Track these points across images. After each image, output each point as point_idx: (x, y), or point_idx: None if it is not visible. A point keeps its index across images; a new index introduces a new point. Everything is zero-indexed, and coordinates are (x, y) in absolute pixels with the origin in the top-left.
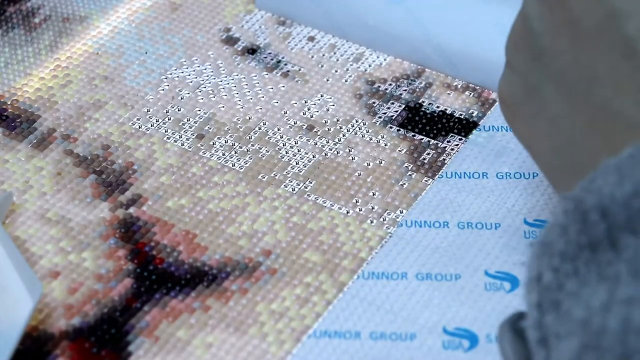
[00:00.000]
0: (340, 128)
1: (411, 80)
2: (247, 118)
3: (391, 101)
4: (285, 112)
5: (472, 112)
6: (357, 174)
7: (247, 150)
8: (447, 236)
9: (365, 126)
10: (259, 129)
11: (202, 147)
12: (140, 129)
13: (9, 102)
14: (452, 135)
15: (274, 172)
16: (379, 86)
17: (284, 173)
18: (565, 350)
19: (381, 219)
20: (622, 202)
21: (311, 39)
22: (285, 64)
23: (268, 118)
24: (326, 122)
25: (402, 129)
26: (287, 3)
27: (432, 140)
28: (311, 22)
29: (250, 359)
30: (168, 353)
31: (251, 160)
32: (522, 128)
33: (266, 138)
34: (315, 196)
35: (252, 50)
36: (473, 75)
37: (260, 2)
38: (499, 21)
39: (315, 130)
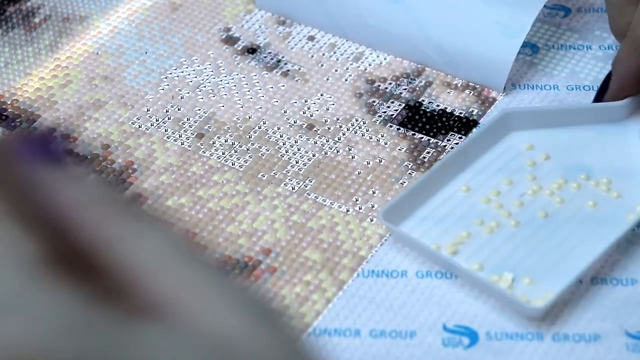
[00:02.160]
0: (340, 127)
1: (411, 79)
2: (247, 117)
3: (391, 100)
4: (285, 111)
5: (472, 111)
6: (357, 173)
7: (247, 149)
8: None
9: (365, 125)
10: (259, 128)
11: (202, 146)
12: (140, 129)
13: (9, 102)
14: (452, 134)
15: (274, 171)
16: (379, 85)
17: (284, 172)
18: None
19: None
20: None
21: (311, 38)
22: (285, 64)
23: (268, 117)
24: (326, 121)
25: (402, 128)
26: (287, 3)
27: (432, 139)
28: (311, 21)
29: None
30: None
31: (251, 159)
32: None
33: (266, 137)
34: (315, 195)
35: (252, 50)
36: (473, 73)
37: (260, 1)
38: (499, 20)
39: (315, 129)
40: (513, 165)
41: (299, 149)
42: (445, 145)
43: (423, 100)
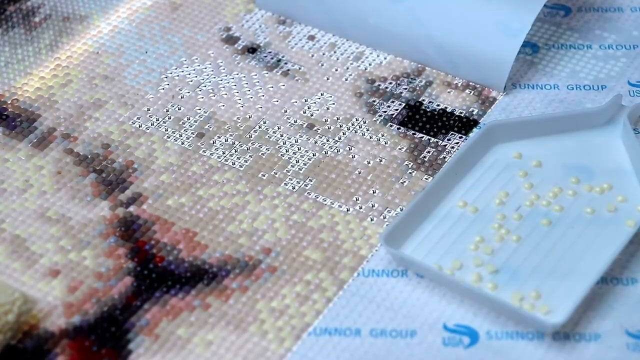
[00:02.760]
0: (341, 126)
1: (411, 78)
2: (247, 117)
3: (391, 99)
4: (286, 111)
5: (472, 110)
6: (357, 172)
7: (248, 149)
8: None
9: (365, 124)
10: (259, 127)
11: (202, 146)
12: (141, 128)
13: (9, 102)
14: (452, 134)
15: (274, 171)
16: (379, 85)
17: (284, 171)
18: None
19: (381, 217)
20: None
21: (311, 38)
22: (286, 63)
23: (268, 117)
24: (326, 120)
25: (402, 127)
26: (287, 2)
27: (433, 139)
28: (311, 21)
29: (250, 356)
30: (168, 351)
31: (251, 159)
32: None
33: (266, 136)
34: (316, 194)
35: (252, 49)
36: (473, 73)
37: (260, 1)
38: (499, 20)
39: (315, 128)
40: (505, 176)
41: (299, 149)
42: (446, 145)
43: (423, 100)
